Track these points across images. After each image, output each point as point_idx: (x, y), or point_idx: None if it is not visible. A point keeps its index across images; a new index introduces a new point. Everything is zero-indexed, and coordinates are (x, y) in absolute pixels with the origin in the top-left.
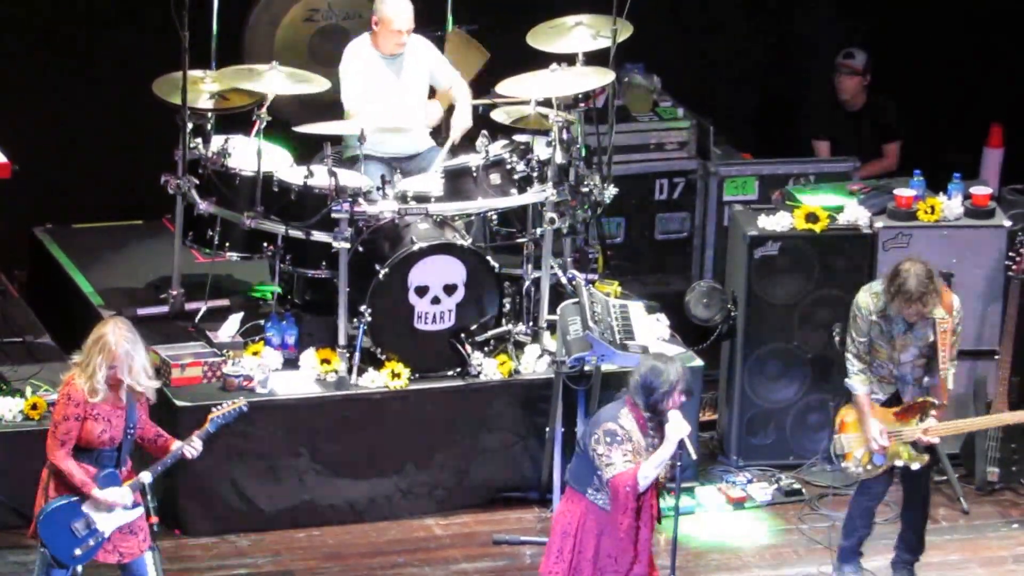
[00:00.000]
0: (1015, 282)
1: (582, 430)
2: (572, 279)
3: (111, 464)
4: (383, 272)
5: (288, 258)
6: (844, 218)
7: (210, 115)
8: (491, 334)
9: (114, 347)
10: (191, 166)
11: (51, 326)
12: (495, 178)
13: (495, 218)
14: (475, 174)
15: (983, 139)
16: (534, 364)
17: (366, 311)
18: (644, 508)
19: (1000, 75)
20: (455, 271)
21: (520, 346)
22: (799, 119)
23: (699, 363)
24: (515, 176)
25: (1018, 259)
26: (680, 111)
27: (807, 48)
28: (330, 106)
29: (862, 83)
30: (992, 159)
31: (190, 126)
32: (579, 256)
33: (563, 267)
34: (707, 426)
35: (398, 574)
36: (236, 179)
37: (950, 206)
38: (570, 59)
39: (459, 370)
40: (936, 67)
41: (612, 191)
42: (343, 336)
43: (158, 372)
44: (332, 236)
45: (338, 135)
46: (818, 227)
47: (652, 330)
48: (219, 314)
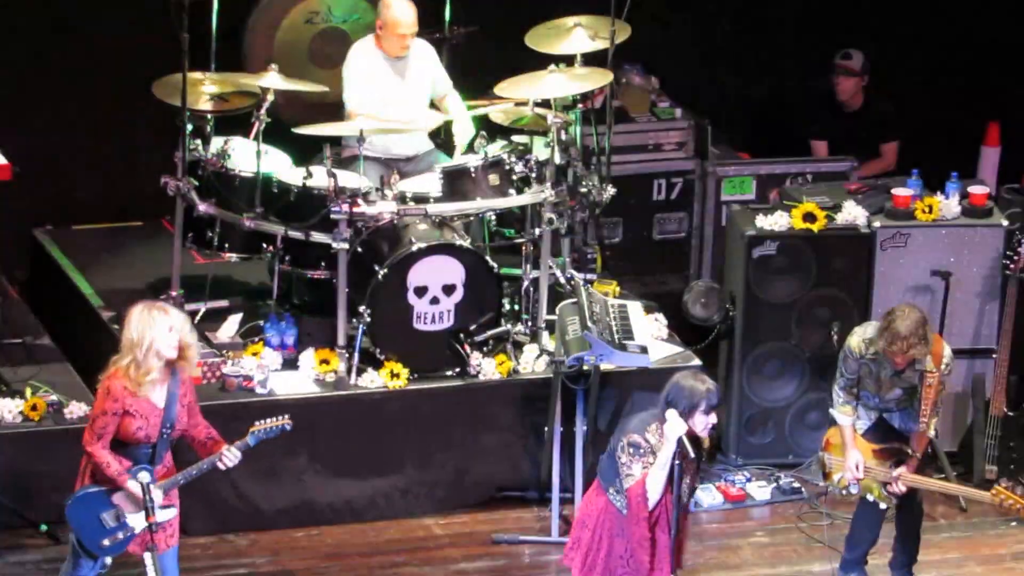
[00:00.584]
0: (1013, 281)
1: (615, 432)
2: (571, 279)
3: (145, 460)
4: (382, 272)
5: (287, 259)
6: (842, 218)
7: (209, 117)
8: (490, 334)
9: (133, 335)
10: (191, 167)
11: (51, 327)
12: (494, 178)
13: (494, 218)
14: (474, 175)
15: (980, 138)
16: (533, 364)
17: (365, 311)
18: (660, 516)
19: (997, 74)
20: (454, 271)
21: (519, 346)
22: (797, 119)
23: (697, 363)
24: (513, 176)
25: (1016, 258)
26: (678, 111)
27: (805, 48)
28: (329, 108)
29: (860, 83)
30: (989, 158)
31: (190, 128)
32: (578, 256)
33: (562, 267)
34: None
35: (397, 574)
36: (235, 180)
37: (948, 205)
38: (568, 60)
39: (458, 370)
40: (933, 67)
41: (610, 191)
42: (342, 336)
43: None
44: (331, 237)
45: (338, 136)
46: (816, 227)
47: (650, 330)
48: (219, 315)
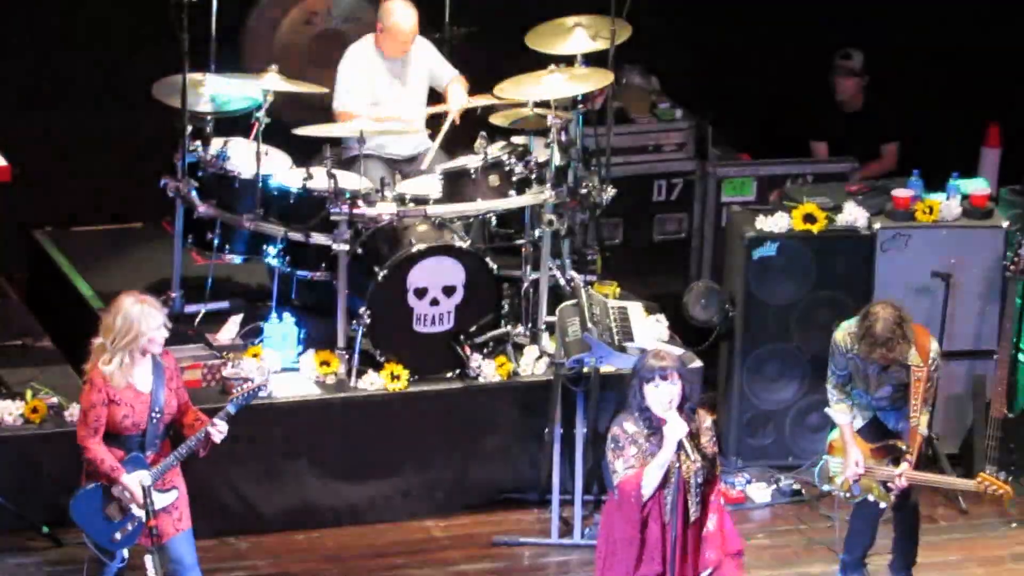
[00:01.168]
0: (1013, 282)
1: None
2: (571, 280)
3: (136, 448)
4: (382, 274)
5: (287, 260)
6: (842, 219)
7: (209, 118)
8: (490, 336)
9: (119, 323)
10: (190, 169)
11: (51, 329)
12: (493, 180)
13: (494, 220)
14: (474, 176)
15: (981, 139)
16: (533, 365)
17: (365, 313)
18: (652, 508)
19: (997, 75)
20: (454, 273)
21: (519, 347)
22: (797, 120)
23: (698, 364)
24: (513, 178)
25: (1016, 259)
26: (678, 112)
27: (805, 48)
28: (330, 109)
29: (860, 83)
30: (990, 159)
31: (189, 129)
32: (578, 257)
33: (562, 268)
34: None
35: None
36: (235, 181)
37: (948, 206)
38: (569, 60)
39: (458, 372)
40: (934, 67)
41: (610, 192)
42: (342, 338)
43: None
44: (331, 238)
45: (338, 137)
46: (816, 228)
47: (651, 331)
48: (219, 316)
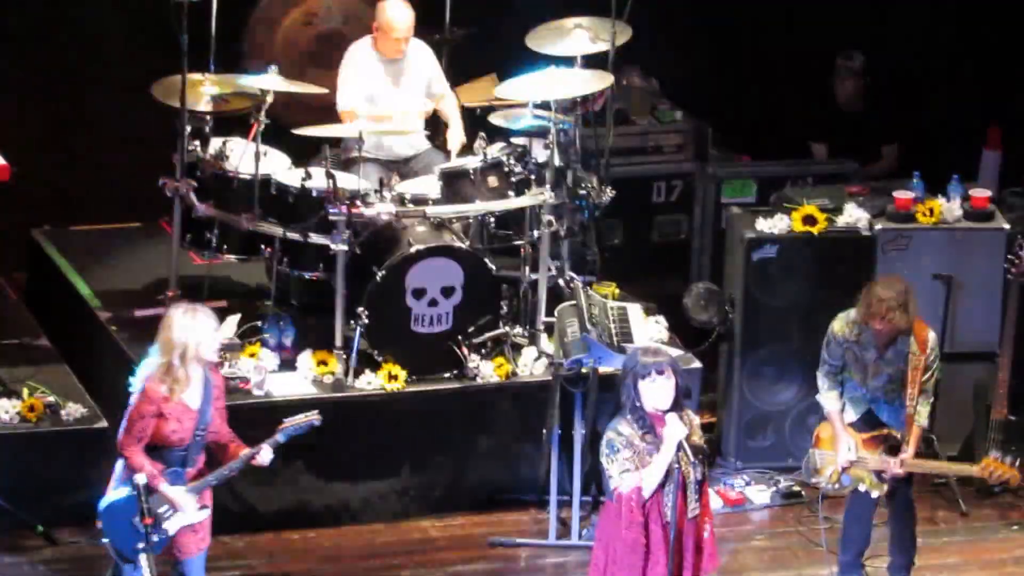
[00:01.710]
0: (1014, 284)
1: None
2: (570, 281)
3: (178, 464)
4: (380, 274)
5: (285, 260)
6: (843, 220)
7: (208, 118)
8: (488, 336)
9: (176, 338)
10: (189, 169)
11: (49, 328)
12: (493, 180)
13: (493, 220)
14: (473, 176)
15: (981, 141)
16: (531, 366)
17: (363, 313)
18: (652, 509)
19: (998, 77)
20: (452, 273)
21: (517, 348)
22: (797, 121)
23: (697, 365)
24: (513, 179)
25: (1017, 261)
26: (678, 114)
27: (806, 49)
28: (329, 110)
29: (860, 84)
30: (991, 161)
31: (188, 129)
32: (577, 258)
33: (561, 269)
34: (705, 428)
35: None
36: (234, 181)
37: (949, 208)
38: (569, 62)
39: (456, 372)
40: (934, 68)
41: (610, 193)
42: (340, 338)
43: None
44: (330, 238)
45: (337, 138)
46: (816, 229)
47: (650, 332)
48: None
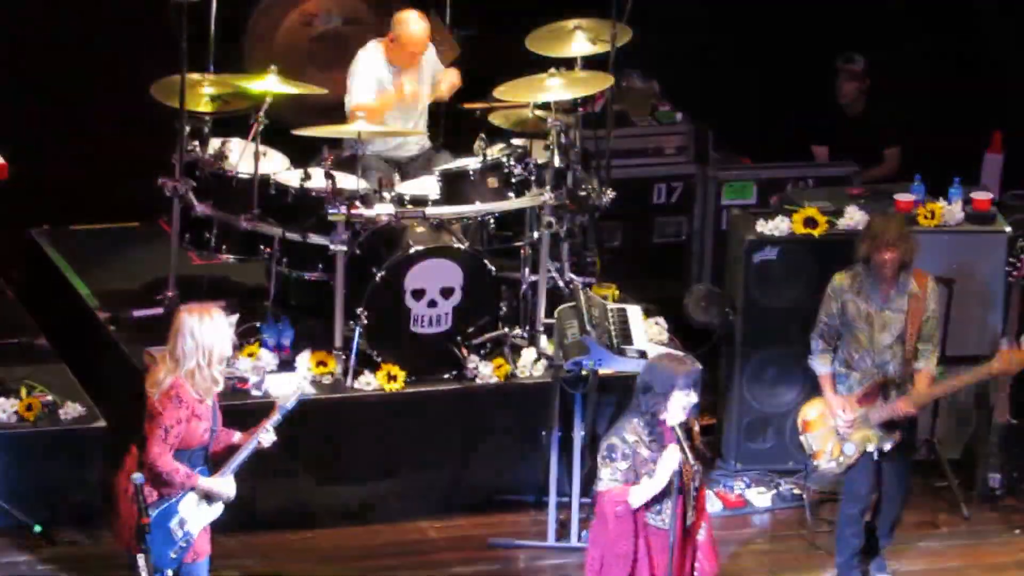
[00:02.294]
0: (1016, 287)
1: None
2: (570, 282)
3: (200, 462)
4: (379, 275)
5: (285, 260)
6: (843, 223)
7: (208, 118)
8: (487, 337)
9: (196, 342)
10: (188, 168)
11: (47, 327)
12: (492, 181)
13: (492, 222)
14: (472, 177)
15: (984, 144)
16: (531, 368)
17: (362, 314)
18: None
19: (1000, 80)
20: (452, 274)
21: (517, 349)
22: (798, 124)
23: (698, 367)
24: (512, 180)
25: (1018, 264)
26: (679, 115)
27: (807, 51)
28: (329, 110)
29: (862, 86)
30: (992, 164)
31: (187, 129)
32: (577, 260)
33: (561, 271)
34: (705, 431)
35: None
36: (233, 181)
37: (951, 211)
38: (569, 63)
39: (455, 373)
40: (936, 71)
41: (610, 195)
42: (339, 338)
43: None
44: (329, 239)
45: (337, 138)
46: (817, 232)
47: (650, 334)
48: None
